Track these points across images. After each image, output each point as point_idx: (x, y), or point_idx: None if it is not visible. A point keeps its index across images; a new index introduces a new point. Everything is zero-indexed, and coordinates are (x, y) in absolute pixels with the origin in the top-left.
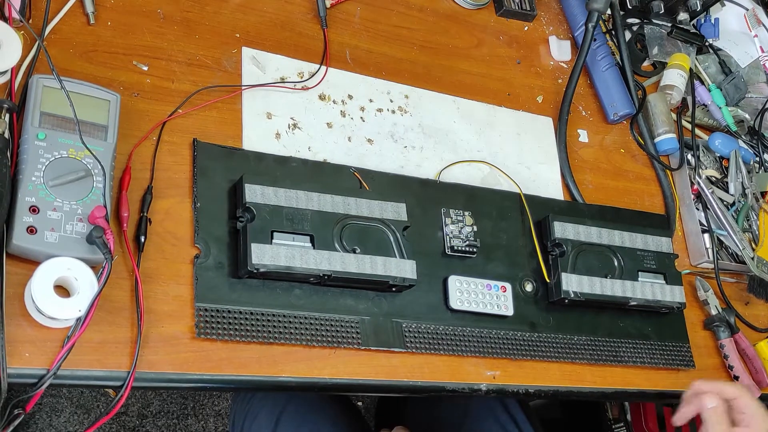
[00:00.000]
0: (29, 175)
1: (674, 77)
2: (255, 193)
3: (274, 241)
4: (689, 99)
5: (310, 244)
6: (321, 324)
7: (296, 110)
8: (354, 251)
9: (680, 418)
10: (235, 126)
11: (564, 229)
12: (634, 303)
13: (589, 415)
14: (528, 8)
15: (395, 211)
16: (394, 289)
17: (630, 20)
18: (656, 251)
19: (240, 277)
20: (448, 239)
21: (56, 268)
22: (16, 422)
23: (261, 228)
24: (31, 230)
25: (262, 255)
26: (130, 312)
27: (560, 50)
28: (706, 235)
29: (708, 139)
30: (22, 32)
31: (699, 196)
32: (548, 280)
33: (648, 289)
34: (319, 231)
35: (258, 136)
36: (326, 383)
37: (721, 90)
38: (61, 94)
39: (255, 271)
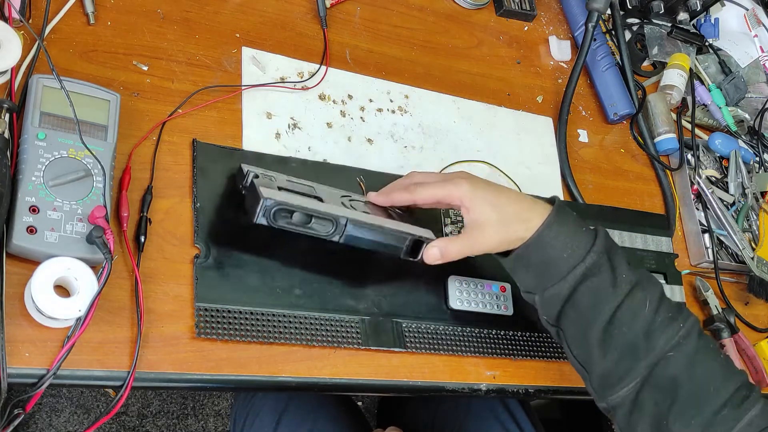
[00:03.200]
0: (29, 175)
1: (674, 77)
2: (253, 173)
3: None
4: (689, 99)
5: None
6: (321, 324)
7: (296, 110)
8: (366, 213)
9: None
10: (235, 126)
11: None
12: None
13: (589, 415)
14: (528, 8)
15: None
16: (412, 256)
17: (630, 20)
18: (656, 251)
19: (248, 226)
20: None
21: (56, 268)
22: (16, 422)
23: (267, 183)
24: (31, 230)
25: (273, 194)
26: (130, 312)
27: (560, 50)
28: (706, 235)
29: (708, 139)
30: (22, 32)
31: (699, 196)
32: None
33: None
34: (327, 197)
35: (258, 136)
36: (326, 383)
37: (721, 90)
38: (61, 94)
39: (268, 209)
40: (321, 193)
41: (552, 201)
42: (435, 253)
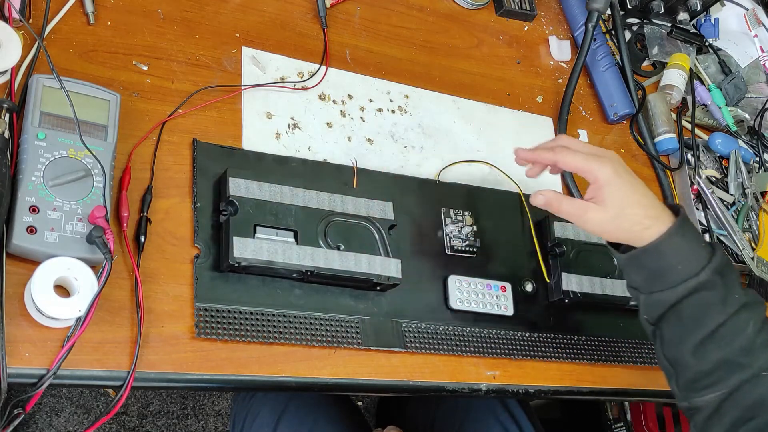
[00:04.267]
0: (29, 175)
1: (674, 77)
2: (239, 187)
3: (256, 235)
4: (689, 99)
5: (293, 240)
6: (321, 324)
7: (296, 110)
8: (338, 248)
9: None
10: (235, 126)
11: (564, 229)
12: (634, 303)
13: (589, 415)
14: (528, 8)
15: (381, 209)
16: (378, 288)
17: (630, 20)
18: None
19: (222, 271)
20: (448, 239)
21: (56, 267)
22: (16, 422)
23: (244, 221)
24: (31, 230)
25: (244, 248)
26: (130, 312)
27: (560, 50)
28: (706, 235)
29: (708, 139)
30: (22, 32)
31: (699, 196)
32: (548, 280)
33: None
34: (303, 227)
35: (258, 136)
36: (326, 383)
37: (721, 90)
38: (61, 94)
39: (236, 264)
40: (301, 219)
41: (677, 211)
42: (540, 200)
